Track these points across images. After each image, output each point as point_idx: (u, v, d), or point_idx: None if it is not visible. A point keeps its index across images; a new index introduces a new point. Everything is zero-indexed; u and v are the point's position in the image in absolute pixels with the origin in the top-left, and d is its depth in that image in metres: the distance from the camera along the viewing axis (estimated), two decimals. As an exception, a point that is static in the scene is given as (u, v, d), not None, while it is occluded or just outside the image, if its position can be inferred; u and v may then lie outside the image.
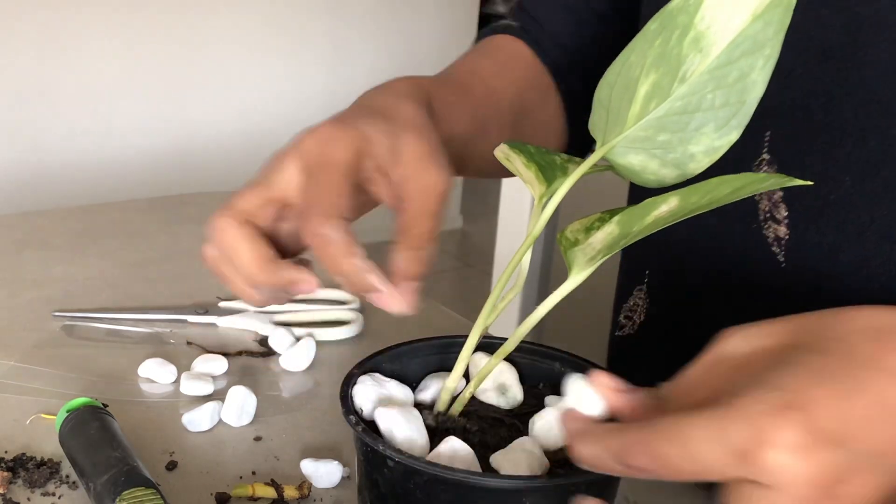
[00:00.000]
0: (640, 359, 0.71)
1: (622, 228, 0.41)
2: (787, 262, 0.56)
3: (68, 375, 0.68)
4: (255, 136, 2.25)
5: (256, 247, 0.48)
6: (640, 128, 0.41)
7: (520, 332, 0.44)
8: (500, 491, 0.40)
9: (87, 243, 0.93)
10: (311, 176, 0.48)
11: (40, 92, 2.00)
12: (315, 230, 0.45)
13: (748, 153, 0.56)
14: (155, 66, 2.12)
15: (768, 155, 0.55)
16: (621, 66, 0.42)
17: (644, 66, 0.40)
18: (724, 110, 0.40)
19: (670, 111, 0.40)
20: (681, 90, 0.40)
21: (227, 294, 0.81)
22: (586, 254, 0.42)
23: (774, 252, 0.57)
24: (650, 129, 0.41)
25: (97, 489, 0.50)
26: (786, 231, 0.56)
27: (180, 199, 1.06)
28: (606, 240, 0.41)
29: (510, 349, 0.45)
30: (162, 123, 2.16)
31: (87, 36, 2.01)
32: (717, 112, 0.40)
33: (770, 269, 0.57)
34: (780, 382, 0.34)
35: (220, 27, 2.17)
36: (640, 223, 0.40)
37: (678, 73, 0.40)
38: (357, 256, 0.45)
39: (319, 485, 0.56)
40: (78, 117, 2.05)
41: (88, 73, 2.04)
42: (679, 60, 0.40)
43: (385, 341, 0.52)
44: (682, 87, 0.40)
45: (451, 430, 0.45)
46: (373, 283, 0.45)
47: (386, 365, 0.49)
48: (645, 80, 0.40)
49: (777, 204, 0.55)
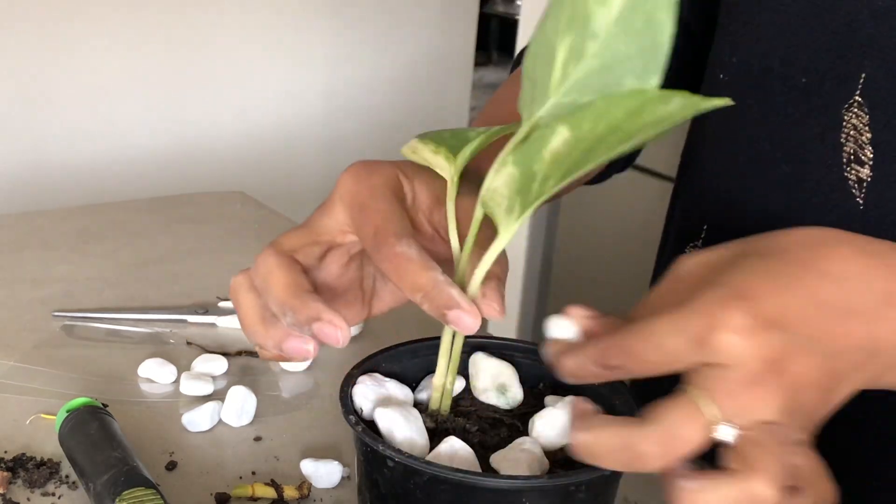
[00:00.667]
0: None
1: (520, 168, 0.40)
2: (866, 204, 0.56)
3: (68, 375, 0.68)
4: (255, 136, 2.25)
5: (293, 275, 0.47)
6: (563, 94, 0.40)
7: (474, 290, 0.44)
8: (500, 491, 0.40)
9: (87, 243, 0.93)
10: (363, 210, 0.47)
11: (40, 92, 2.00)
12: (390, 251, 0.45)
13: (840, 95, 0.56)
14: (155, 66, 2.11)
15: (860, 97, 0.55)
16: (541, 36, 0.41)
17: (558, 31, 0.40)
18: (639, 59, 0.39)
19: (589, 71, 0.40)
20: (593, 48, 0.39)
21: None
22: (500, 205, 0.41)
23: (854, 194, 0.57)
24: (573, 93, 0.40)
25: (97, 489, 0.50)
26: (868, 173, 0.56)
27: (180, 199, 1.06)
28: (510, 182, 0.40)
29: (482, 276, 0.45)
30: (162, 123, 2.16)
31: (87, 36, 2.01)
32: (633, 62, 0.39)
33: (848, 213, 0.57)
34: (729, 280, 0.39)
35: (220, 27, 2.17)
36: (538, 160, 0.39)
37: (588, 30, 0.39)
38: (436, 270, 0.44)
39: (319, 485, 0.56)
40: (78, 117, 2.05)
41: (88, 73, 2.04)
42: (587, 18, 0.39)
43: (385, 341, 0.52)
44: (594, 44, 0.39)
45: (450, 430, 0.45)
46: (452, 295, 0.43)
47: (385, 365, 0.49)
48: (561, 45, 0.40)
49: (863, 146, 0.55)
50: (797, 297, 0.39)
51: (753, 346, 0.37)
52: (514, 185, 0.40)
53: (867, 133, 0.56)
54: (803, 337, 0.39)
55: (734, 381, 0.37)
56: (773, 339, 0.38)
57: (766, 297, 0.39)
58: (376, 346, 0.50)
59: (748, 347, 0.37)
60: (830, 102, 0.57)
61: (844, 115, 0.56)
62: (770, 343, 0.38)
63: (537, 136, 0.39)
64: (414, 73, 2.65)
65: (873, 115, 0.55)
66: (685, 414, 0.37)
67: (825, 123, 0.57)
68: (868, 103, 0.55)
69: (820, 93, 0.57)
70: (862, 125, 0.55)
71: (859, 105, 0.56)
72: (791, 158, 0.59)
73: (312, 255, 0.49)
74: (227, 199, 1.08)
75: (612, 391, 0.47)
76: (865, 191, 0.56)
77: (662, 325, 0.38)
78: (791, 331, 0.39)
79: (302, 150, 2.30)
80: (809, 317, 0.39)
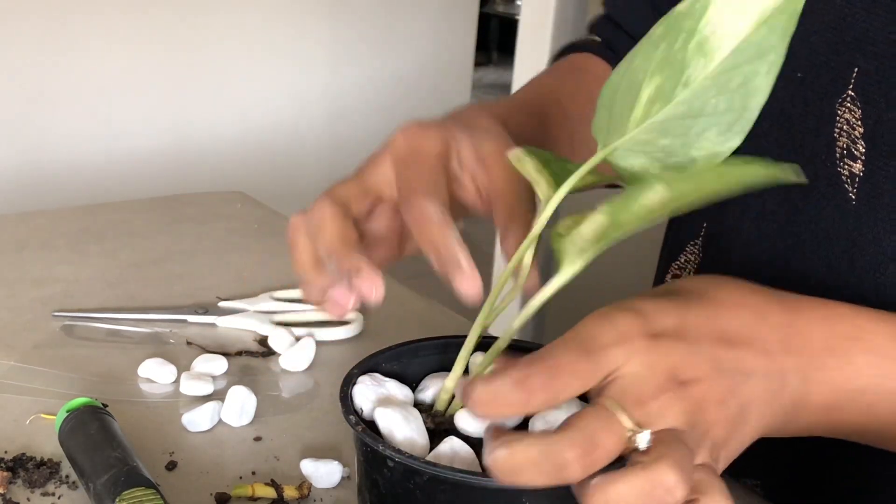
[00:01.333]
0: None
1: (610, 218, 0.41)
2: (858, 199, 0.56)
3: (68, 375, 0.68)
4: (255, 136, 2.25)
5: (345, 225, 0.50)
6: (642, 131, 0.41)
7: (512, 329, 0.44)
8: (500, 491, 0.40)
9: (87, 243, 0.93)
10: (406, 167, 0.51)
11: (40, 92, 2.00)
12: (416, 207, 0.48)
13: (834, 89, 0.56)
14: (155, 66, 2.11)
15: (853, 92, 0.55)
16: (626, 69, 0.42)
17: (648, 70, 0.40)
18: (726, 115, 0.40)
19: (673, 115, 0.40)
20: (684, 94, 0.40)
21: (227, 294, 0.81)
22: (576, 244, 0.42)
23: (847, 189, 0.57)
24: (652, 132, 0.41)
25: (97, 489, 0.50)
26: (861, 168, 0.56)
27: (180, 199, 1.06)
28: (596, 230, 0.41)
29: (503, 346, 0.45)
30: (162, 123, 2.16)
31: (87, 36, 2.01)
32: (720, 117, 0.40)
33: (841, 209, 0.57)
34: (623, 302, 0.42)
35: (220, 27, 2.17)
36: (628, 212, 0.40)
37: (681, 77, 0.40)
38: (452, 232, 0.47)
39: (319, 485, 0.56)
40: (78, 117, 2.05)
41: (88, 73, 2.04)
42: (683, 65, 0.40)
43: (385, 341, 0.52)
44: (685, 91, 0.40)
45: (451, 431, 0.45)
46: (459, 257, 0.46)
47: (386, 365, 0.49)
48: (649, 84, 0.40)
49: (856, 140, 0.55)
50: (693, 315, 0.42)
51: (646, 356, 0.39)
52: (597, 231, 0.41)
53: (860, 127, 0.55)
54: (700, 351, 0.41)
55: (640, 390, 0.39)
56: (669, 349, 0.40)
57: (659, 313, 0.41)
58: (376, 346, 0.50)
59: (640, 355, 0.39)
60: (825, 97, 0.57)
61: (838, 109, 0.56)
62: (666, 353, 0.40)
63: (633, 192, 0.39)
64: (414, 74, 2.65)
65: (865, 109, 0.55)
66: (603, 422, 0.38)
67: (820, 118, 0.57)
68: (861, 97, 0.55)
69: (815, 87, 0.57)
70: (855, 119, 0.55)
71: (852, 99, 0.56)
72: (789, 154, 0.59)
73: (362, 205, 0.52)
74: (227, 199, 1.07)
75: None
76: (857, 186, 0.56)
77: (563, 343, 0.40)
78: (687, 342, 0.40)
79: (302, 149, 2.30)
80: (705, 335, 0.41)
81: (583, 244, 0.41)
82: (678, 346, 0.40)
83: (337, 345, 0.75)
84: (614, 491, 0.37)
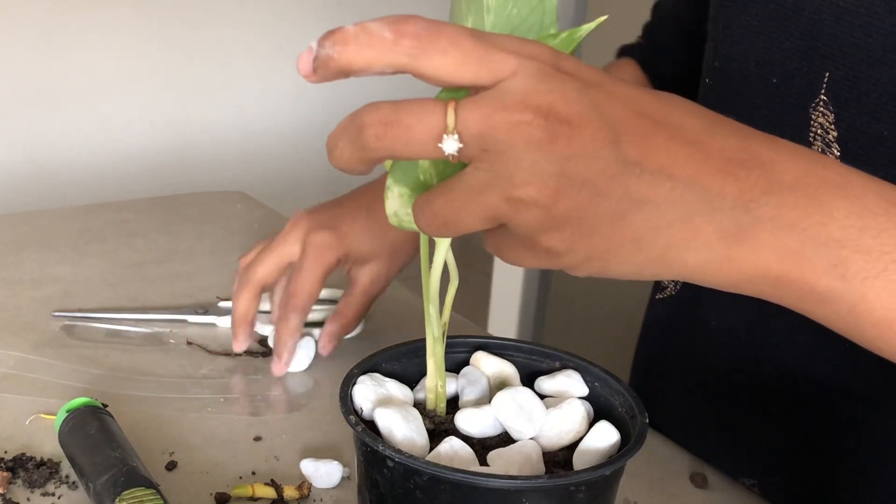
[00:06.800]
0: (679, 320, 0.70)
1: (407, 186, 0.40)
2: None
3: (68, 375, 0.68)
4: (255, 137, 2.25)
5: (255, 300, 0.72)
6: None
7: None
8: (499, 491, 0.40)
9: (87, 243, 0.93)
10: (300, 270, 0.69)
11: (40, 92, 2.00)
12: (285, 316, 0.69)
13: (806, 93, 0.57)
14: (155, 66, 2.11)
15: (825, 96, 0.56)
16: (453, 19, 0.43)
17: (462, 14, 0.41)
18: (532, 17, 0.40)
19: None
20: (490, 20, 0.40)
21: (227, 294, 0.81)
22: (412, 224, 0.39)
23: None
24: None
25: (97, 489, 0.50)
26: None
27: (180, 199, 1.06)
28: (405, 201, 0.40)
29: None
30: (162, 123, 2.16)
31: (87, 36, 2.01)
32: (528, 22, 0.40)
33: None
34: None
35: (220, 27, 2.17)
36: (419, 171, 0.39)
37: (483, 5, 0.41)
38: (294, 338, 0.69)
39: (319, 485, 0.56)
40: (78, 117, 2.05)
41: (88, 73, 2.04)
42: None
43: (385, 341, 0.52)
44: (490, 16, 0.40)
45: (451, 431, 0.45)
46: (283, 353, 0.69)
47: (385, 365, 0.49)
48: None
49: (830, 144, 0.56)
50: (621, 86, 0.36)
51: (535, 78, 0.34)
52: (406, 200, 0.40)
53: (833, 132, 0.56)
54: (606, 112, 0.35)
55: (501, 101, 0.34)
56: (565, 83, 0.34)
57: (585, 67, 0.36)
58: (376, 346, 0.50)
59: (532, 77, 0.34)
60: (799, 102, 0.57)
61: (812, 113, 0.57)
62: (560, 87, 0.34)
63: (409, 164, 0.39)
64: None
65: (838, 113, 0.55)
66: (424, 107, 0.34)
67: (796, 122, 0.57)
68: (833, 102, 0.56)
69: (790, 93, 0.58)
70: (828, 124, 0.56)
71: (825, 104, 0.56)
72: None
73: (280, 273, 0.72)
74: (227, 199, 1.08)
75: (612, 393, 0.47)
76: None
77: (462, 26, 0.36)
78: (595, 95, 0.35)
79: (302, 149, 2.30)
80: (614, 92, 0.35)
81: (409, 219, 0.40)
82: (582, 90, 0.35)
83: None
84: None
